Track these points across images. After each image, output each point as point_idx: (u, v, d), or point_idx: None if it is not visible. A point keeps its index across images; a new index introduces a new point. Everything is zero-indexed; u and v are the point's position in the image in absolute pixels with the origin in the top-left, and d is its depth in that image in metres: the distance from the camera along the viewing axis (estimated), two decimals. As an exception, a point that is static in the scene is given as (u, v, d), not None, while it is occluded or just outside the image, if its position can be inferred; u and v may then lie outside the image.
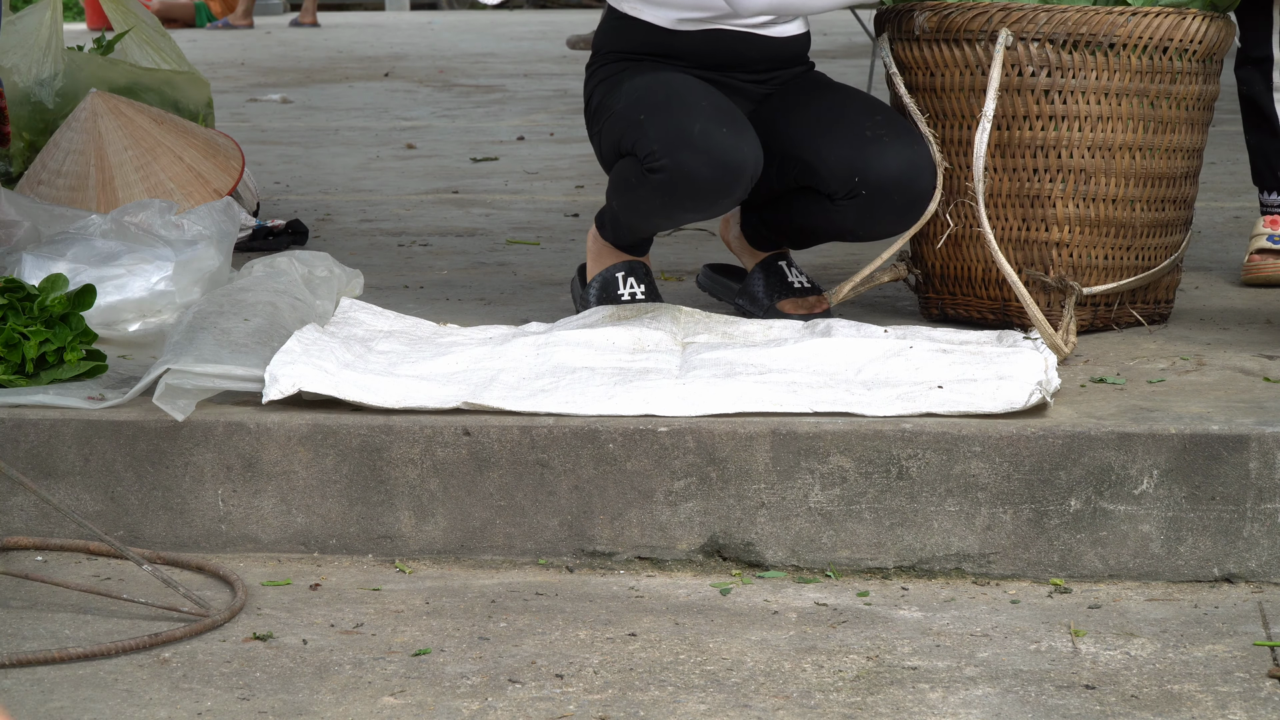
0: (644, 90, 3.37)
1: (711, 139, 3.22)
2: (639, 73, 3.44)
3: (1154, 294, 3.53)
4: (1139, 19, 3.32)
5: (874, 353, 3.17)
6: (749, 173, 3.25)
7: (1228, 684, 2.45)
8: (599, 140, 3.48)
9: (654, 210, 3.34)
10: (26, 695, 2.43)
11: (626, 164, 3.36)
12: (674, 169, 3.23)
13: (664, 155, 3.23)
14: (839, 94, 3.46)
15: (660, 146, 3.23)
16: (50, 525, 2.99)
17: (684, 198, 3.26)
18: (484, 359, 3.20)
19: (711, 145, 3.22)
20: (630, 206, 3.39)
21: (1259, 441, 2.81)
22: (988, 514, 2.85)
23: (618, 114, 3.38)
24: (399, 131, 7.23)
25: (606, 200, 3.49)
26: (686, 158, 3.22)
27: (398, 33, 13.83)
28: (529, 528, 2.93)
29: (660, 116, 3.27)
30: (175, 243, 3.63)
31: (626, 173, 3.36)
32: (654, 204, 3.31)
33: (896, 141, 3.31)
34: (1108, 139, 3.36)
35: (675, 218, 3.40)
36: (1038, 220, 3.40)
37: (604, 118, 3.44)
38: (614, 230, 3.53)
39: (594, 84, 3.53)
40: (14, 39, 4.72)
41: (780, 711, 2.37)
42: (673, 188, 3.24)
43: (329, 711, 2.38)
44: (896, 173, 3.30)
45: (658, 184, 3.25)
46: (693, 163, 3.22)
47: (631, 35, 3.49)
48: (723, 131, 3.23)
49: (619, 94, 3.41)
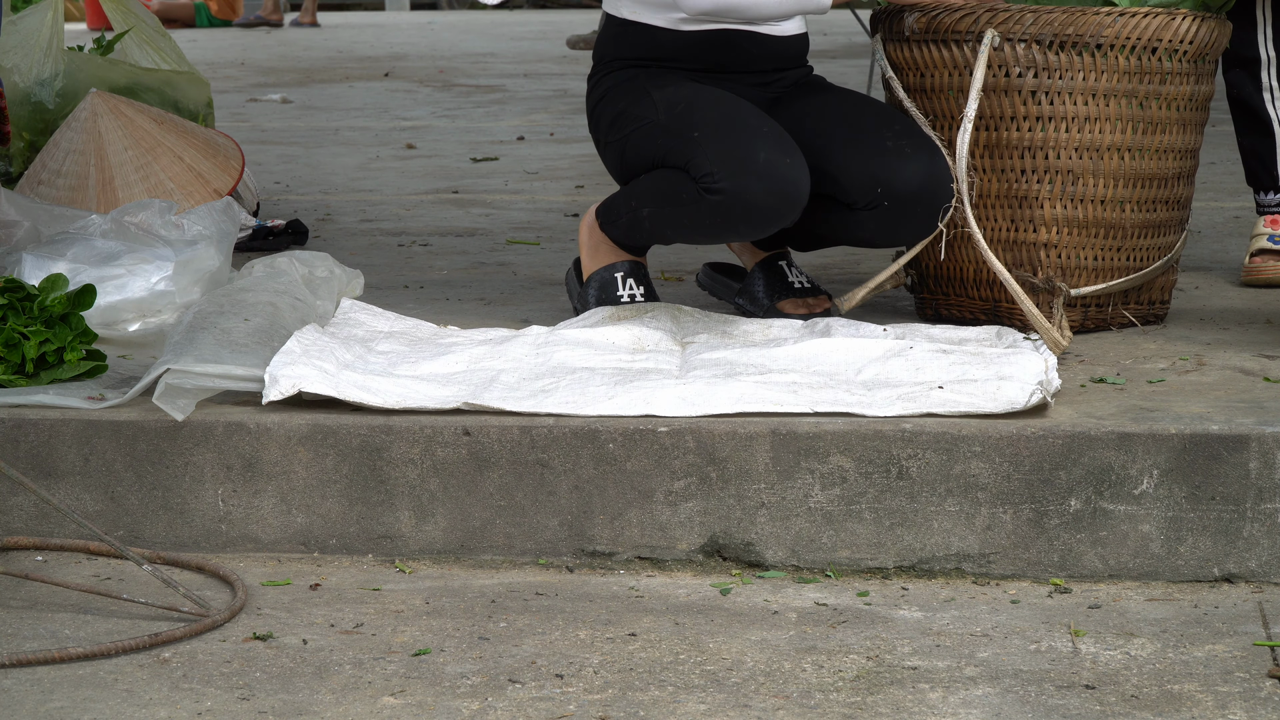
0: (689, 104, 3.36)
1: (775, 168, 3.23)
2: (659, 81, 3.43)
3: (1148, 295, 3.52)
4: (1126, 20, 3.31)
5: (874, 353, 3.17)
6: (803, 203, 3.27)
7: (1228, 684, 2.45)
8: (621, 149, 3.46)
9: (701, 228, 3.33)
10: (26, 695, 2.43)
11: (673, 178, 3.33)
12: (735, 193, 3.23)
13: (725, 179, 3.23)
14: (853, 102, 3.46)
15: (720, 169, 3.23)
16: (50, 525, 2.99)
17: (739, 222, 3.27)
18: (484, 359, 3.20)
19: (774, 174, 3.22)
20: (671, 220, 3.37)
21: (1259, 441, 2.81)
22: (988, 514, 2.85)
23: (658, 126, 3.36)
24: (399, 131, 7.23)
25: (624, 201, 3.47)
26: (750, 184, 3.22)
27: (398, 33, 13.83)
28: (529, 528, 2.93)
29: (720, 137, 3.27)
30: (175, 243, 3.63)
31: (674, 187, 3.33)
32: (704, 223, 3.30)
33: (919, 153, 3.32)
34: (1096, 140, 3.36)
35: (722, 238, 3.40)
36: (1026, 221, 3.40)
37: (631, 127, 3.42)
38: (630, 232, 3.50)
39: (602, 92, 3.51)
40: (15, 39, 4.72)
41: (780, 711, 2.37)
42: (729, 211, 3.25)
43: (329, 711, 2.38)
44: (919, 185, 3.31)
45: (714, 205, 3.25)
46: (755, 190, 3.22)
47: (635, 40, 3.48)
48: (786, 162, 3.24)
49: (649, 104, 3.39)
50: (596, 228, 3.55)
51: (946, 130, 3.41)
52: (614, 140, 3.47)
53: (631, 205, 3.44)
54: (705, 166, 3.25)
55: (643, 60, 3.48)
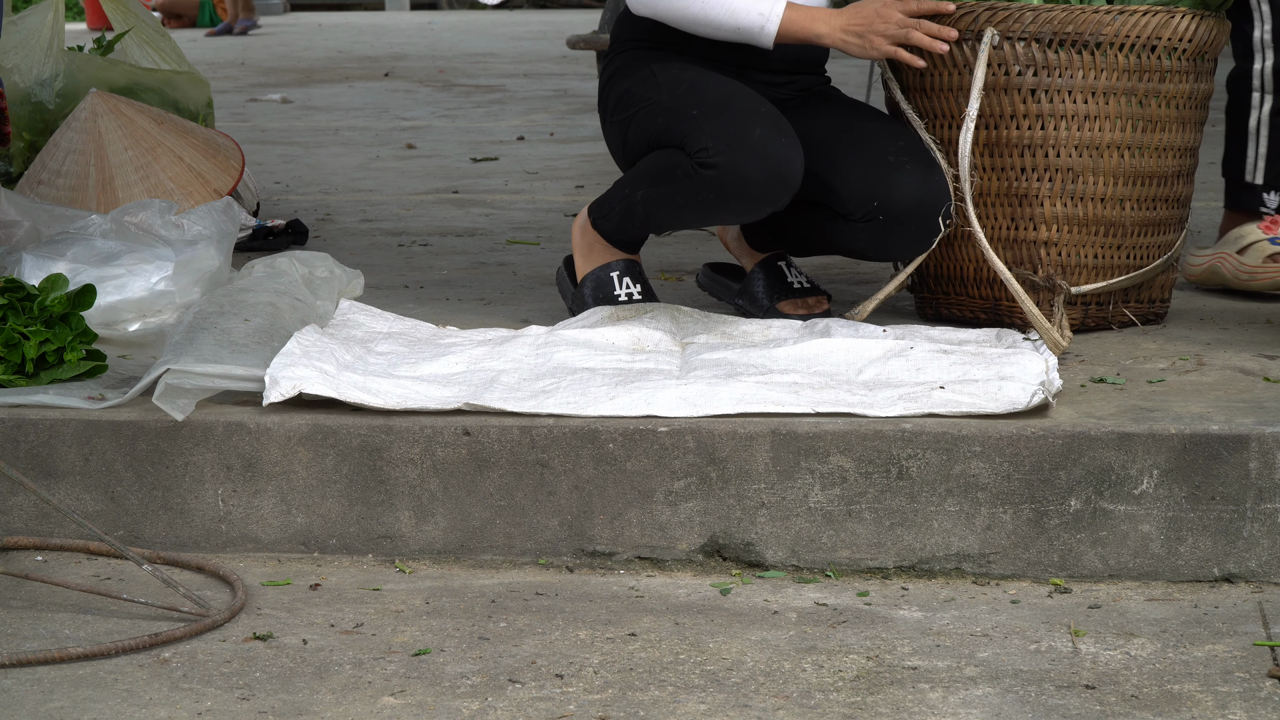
0: (692, 85, 3.36)
1: (769, 146, 3.23)
2: (668, 64, 3.43)
3: (1148, 293, 3.52)
4: (1125, 18, 3.32)
5: (874, 353, 3.17)
6: (796, 185, 3.27)
7: (1228, 684, 2.45)
8: (626, 129, 3.46)
9: (692, 207, 3.33)
10: (26, 695, 2.43)
11: (668, 155, 3.34)
12: (728, 168, 3.23)
13: (719, 154, 3.23)
14: (861, 115, 3.46)
15: (715, 144, 3.24)
16: (50, 525, 2.99)
17: (730, 198, 3.26)
18: (484, 359, 3.20)
19: (769, 152, 3.23)
20: (664, 199, 3.37)
21: (1259, 441, 2.81)
22: (988, 514, 2.85)
23: (660, 106, 3.37)
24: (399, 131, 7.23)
25: (617, 191, 3.47)
26: (743, 160, 3.22)
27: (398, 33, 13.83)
28: (529, 528, 2.93)
29: (718, 115, 3.28)
30: (175, 243, 3.63)
31: (667, 164, 3.34)
32: (695, 200, 3.30)
33: (918, 170, 3.32)
34: (1095, 138, 3.36)
35: (710, 218, 3.38)
36: (1026, 219, 3.40)
37: (636, 107, 3.42)
38: (621, 222, 3.49)
39: (613, 70, 3.51)
40: (15, 39, 4.73)
41: (780, 711, 2.37)
42: (721, 187, 3.25)
43: (329, 711, 2.38)
44: (915, 202, 3.31)
45: (707, 180, 3.25)
46: (748, 166, 3.22)
47: (648, 22, 3.47)
48: (781, 141, 3.25)
49: (654, 85, 3.39)
50: (589, 227, 3.56)
51: (946, 129, 3.41)
52: (619, 120, 3.48)
53: (625, 192, 3.45)
54: (700, 141, 3.26)
55: (652, 43, 3.48)
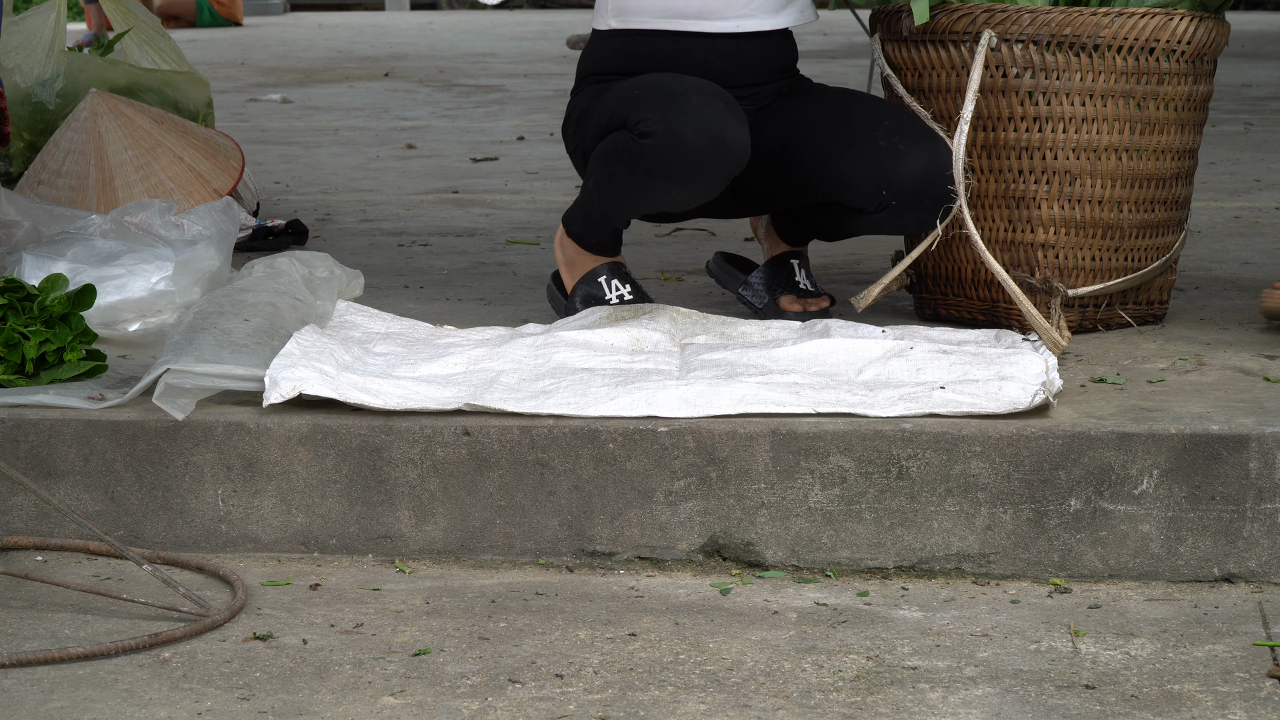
0: (637, 80, 3.39)
1: (705, 109, 3.24)
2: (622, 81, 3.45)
3: (1146, 295, 3.52)
4: (1123, 20, 3.31)
5: (874, 354, 3.17)
6: (736, 150, 3.25)
7: (1228, 684, 2.45)
8: (582, 138, 3.47)
9: (636, 180, 3.30)
10: (26, 695, 2.43)
11: (614, 138, 3.35)
12: (665, 133, 3.22)
13: (656, 121, 3.23)
14: (836, 103, 3.45)
15: (653, 114, 3.24)
16: (50, 525, 2.99)
17: (671, 166, 3.24)
18: (483, 360, 3.20)
19: (704, 115, 3.23)
20: (611, 180, 3.36)
21: (1259, 441, 2.81)
22: (988, 514, 2.85)
23: (606, 103, 3.39)
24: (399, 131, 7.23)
25: (582, 192, 3.49)
26: (678, 123, 3.22)
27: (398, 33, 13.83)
28: (529, 528, 2.93)
29: (656, 92, 3.30)
30: (175, 243, 3.63)
31: (613, 145, 3.34)
32: (638, 173, 3.28)
33: (914, 146, 3.32)
34: (1093, 140, 3.36)
35: (657, 192, 3.33)
36: (1023, 222, 3.40)
37: (589, 119, 3.45)
38: (584, 220, 3.50)
39: (574, 105, 3.56)
40: (16, 40, 4.73)
41: (780, 711, 2.37)
42: (661, 154, 3.23)
43: (329, 711, 2.38)
44: (921, 178, 3.31)
45: (646, 149, 3.24)
46: (684, 128, 3.22)
47: (612, 49, 3.50)
48: (717, 105, 3.25)
49: (607, 97, 3.42)
50: (566, 238, 3.57)
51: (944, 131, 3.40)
52: (578, 141, 3.49)
53: (583, 188, 3.46)
54: (639, 114, 3.27)
55: (616, 73, 3.49)
